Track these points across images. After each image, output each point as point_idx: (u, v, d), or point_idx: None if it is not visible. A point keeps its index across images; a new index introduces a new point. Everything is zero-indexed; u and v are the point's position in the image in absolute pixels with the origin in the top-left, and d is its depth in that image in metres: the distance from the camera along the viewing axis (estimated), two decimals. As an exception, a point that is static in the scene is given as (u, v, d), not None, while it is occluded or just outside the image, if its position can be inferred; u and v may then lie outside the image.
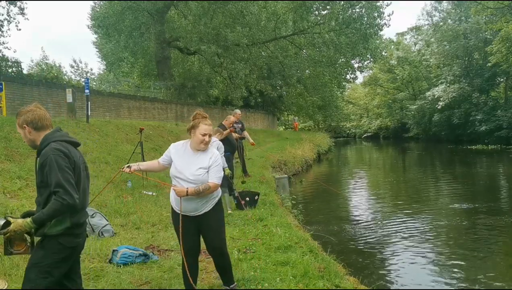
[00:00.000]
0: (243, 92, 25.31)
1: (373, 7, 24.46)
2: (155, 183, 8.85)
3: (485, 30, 33.22)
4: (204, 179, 3.27)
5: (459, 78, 37.52)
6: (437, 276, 5.74)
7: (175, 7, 24.33)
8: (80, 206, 2.56)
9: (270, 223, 6.13)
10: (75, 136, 10.06)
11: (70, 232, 2.54)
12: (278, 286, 3.85)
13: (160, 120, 18.76)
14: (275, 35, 24.48)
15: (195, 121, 3.33)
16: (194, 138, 3.32)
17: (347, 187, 14.95)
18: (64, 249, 2.53)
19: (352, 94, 63.11)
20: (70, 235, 2.55)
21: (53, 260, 2.51)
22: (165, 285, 3.91)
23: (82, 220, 2.65)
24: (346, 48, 25.46)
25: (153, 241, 5.32)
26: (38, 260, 2.51)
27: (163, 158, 3.51)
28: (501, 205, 10.62)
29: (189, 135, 3.40)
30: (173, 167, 3.36)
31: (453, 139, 37.66)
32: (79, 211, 2.58)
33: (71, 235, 2.56)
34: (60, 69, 37.26)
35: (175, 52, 25.87)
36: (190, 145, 3.40)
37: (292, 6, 24.37)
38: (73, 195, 2.42)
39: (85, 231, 2.76)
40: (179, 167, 3.32)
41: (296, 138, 25.87)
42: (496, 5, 29.18)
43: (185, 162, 3.32)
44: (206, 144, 3.32)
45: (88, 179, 2.78)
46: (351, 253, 6.72)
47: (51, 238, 2.51)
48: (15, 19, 18.42)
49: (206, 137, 3.30)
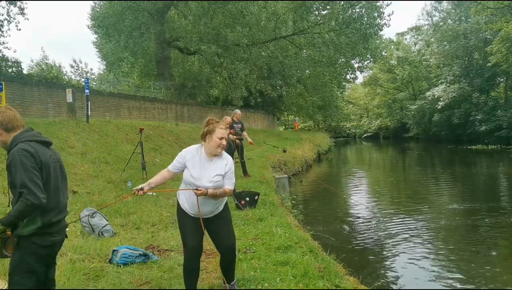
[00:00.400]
0: (243, 92, 25.31)
1: (373, 7, 24.46)
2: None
3: (485, 30, 33.22)
4: (221, 185, 3.34)
5: (459, 78, 37.52)
6: (437, 276, 5.73)
7: (175, 7, 24.33)
8: (52, 205, 2.57)
9: (270, 223, 6.12)
10: (75, 136, 10.08)
11: (43, 231, 2.55)
12: (278, 286, 3.85)
13: (160, 120, 18.76)
14: (275, 35, 24.48)
15: (211, 126, 3.36)
16: (211, 142, 3.34)
17: (347, 187, 14.95)
18: (40, 248, 2.55)
19: (352, 94, 63.10)
20: (44, 235, 2.56)
21: (32, 259, 2.53)
22: (165, 285, 3.91)
23: (56, 219, 2.63)
24: (346, 48, 25.46)
25: (153, 241, 5.32)
26: (17, 262, 2.53)
27: (174, 165, 3.42)
28: (501, 205, 10.61)
29: (203, 140, 3.40)
30: (188, 174, 3.35)
31: (453, 139, 37.66)
32: (50, 210, 2.57)
33: (45, 234, 2.57)
34: (60, 69, 37.23)
35: (175, 52, 25.87)
36: (205, 151, 3.40)
37: (292, 6, 24.37)
38: (38, 195, 2.41)
39: (63, 229, 2.74)
40: (196, 175, 3.33)
41: (296, 138, 25.86)
42: (496, 5, 29.18)
43: (203, 169, 3.34)
44: (223, 148, 3.37)
45: (63, 178, 2.77)
46: (351, 253, 6.72)
47: (25, 239, 2.52)
48: (15, 19, 18.36)
49: (223, 140, 3.33)
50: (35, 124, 9.56)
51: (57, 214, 2.66)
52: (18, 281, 2.51)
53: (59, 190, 2.69)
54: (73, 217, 5.93)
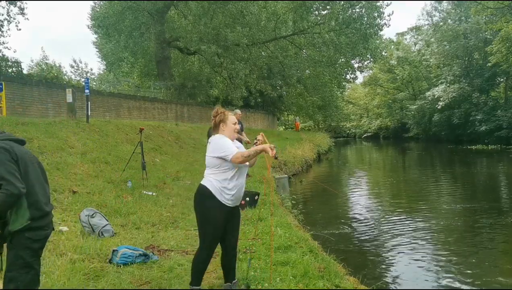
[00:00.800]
0: (243, 92, 25.30)
1: (373, 7, 24.46)
2: (155, 183, 8.87)
3: (485, 30, 33.23)
4: None
5: (459, 78, 37.53)
6: (437, 276, 5.74)
7: (175, 7, 24.33)
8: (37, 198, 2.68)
9: (270, 223, 6.12)
10: (75, 136, 10.07)
11: (35, 225, 2.65)
12: (278, 286, 3.85)
13: (160, 120, 18.75)
14: (275, 35, 24.48)
15: (222, 115, 3.48)
16: (228, 128, 3.47)
17: (347, 187, 14.95)
18: (33, 242, 2.65)
19: (352, 94, 63.12)
20: (37, 229, 2.66)
21: (27, 254, 2.62)
22: (165, 285, 3.91)
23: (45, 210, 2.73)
24: (346, 48, 25.46)
25: (153, 241, 5.32)
26: (13, 259, 2.60)
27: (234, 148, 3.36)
28: (501, 205, 10.62)
29: (215, 131, 3.49)
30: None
31: (453, 139, 37.66)
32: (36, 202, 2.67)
33: (38, 229, 2.67)
34: (60, 69, 37.24)
35: (175, 52, 25.87)
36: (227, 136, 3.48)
37: (292, 6, 24.36)
38: (17, 185, 2.52)
39: (51, 222, 2.84)
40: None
41: (296, 138, 25.87)
42: (496, 5, 29.18)
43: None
44: (237, 132, 3.57)
45: (43, 172, 2.87)
46: (351, 253, 6.72)
47: (18, 235, 2.61)
48: (15, 19, 18.43)
49: (236, 125, 3.54)
50: (35, 124, 9.56)
51: (45, 205, 2.75)
52: (16, 277, 2.58)
53: (41, 183, 2.78)
54: (73, 217, 5.94)
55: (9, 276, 2.59)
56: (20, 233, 2.60)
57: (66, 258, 4.32)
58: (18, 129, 8.77)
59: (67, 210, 6.22)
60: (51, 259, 4.23)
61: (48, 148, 8.45)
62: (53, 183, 6.96)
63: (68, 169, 7.89)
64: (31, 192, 2.64)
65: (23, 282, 2.59)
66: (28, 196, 2.62)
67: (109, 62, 38.21)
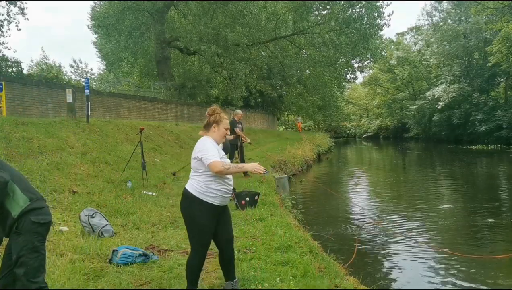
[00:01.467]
0: (243, 92, 25.31)
1: (373, 7, 24.46)
2: (155, 183, 8.87)
3: (485, 30, 33.22)
4: None
5: (459, 78, 37.52)
6: (437, 276, 5.74)
7: (175, 7, 24.34)
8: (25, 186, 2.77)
9: (270, 223, 6.12)
10: (75, 136, 10.07)
11: (36, 205, 2.72)
12: (278, 286, 3.85)
13: (160, 120, 18.75)
14: (275, 35, 24.48)
15: (217, 116, 3.43)
16: (219, 132, 3.43)
17: (347, 187, 14.95)
18: (39, 226, 2.70)
19: (352, 94, 63.12)
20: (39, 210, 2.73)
21: (35, 239, 2.67)
22: (165, 285, 3.90)
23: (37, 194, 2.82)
24: (346, 48, 25.46)
25: (153, 241, 5.32)
26: (22, 245, 2.63)
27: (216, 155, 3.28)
28: (501, 205, 10.62)
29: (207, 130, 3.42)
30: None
31: (453, 139, 37.66)
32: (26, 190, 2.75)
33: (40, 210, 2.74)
34: (60, 69, 37.20)
35: (175, 52, 25.87)
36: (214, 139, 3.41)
37: (292, 6, 24.37)
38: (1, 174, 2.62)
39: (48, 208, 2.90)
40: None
41: (296, 138, 25.88)
42: (496, 5, 29.17)
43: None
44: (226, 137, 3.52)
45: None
46: (351, 253, 6.71)
47: (24, 220, 2.65)
48: (15, 19, 18.40)
49: (227, 131, 3.47)
50: (35, 124, 9.56)
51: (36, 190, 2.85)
52: (26, 262, 2.62)
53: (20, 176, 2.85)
54: (73, 217, 5.94)
55: (20, 261, 2.63)
56: (26, 217, 2.65)
57: (66, 258, 4.32)
58: (18, 129, 8.77)
59: (67, 210, 6.22)
60: (51, 259, 4.22)
61: (48, 148, 8.45)
62: (53, 183, 6.97)
63: (68, 169, 7.89)
64: (18, 181, 2.73)
65: (32, 266, 2.64)
66: (17, 183, 2.70)
67: (109, 62, 38.22)
